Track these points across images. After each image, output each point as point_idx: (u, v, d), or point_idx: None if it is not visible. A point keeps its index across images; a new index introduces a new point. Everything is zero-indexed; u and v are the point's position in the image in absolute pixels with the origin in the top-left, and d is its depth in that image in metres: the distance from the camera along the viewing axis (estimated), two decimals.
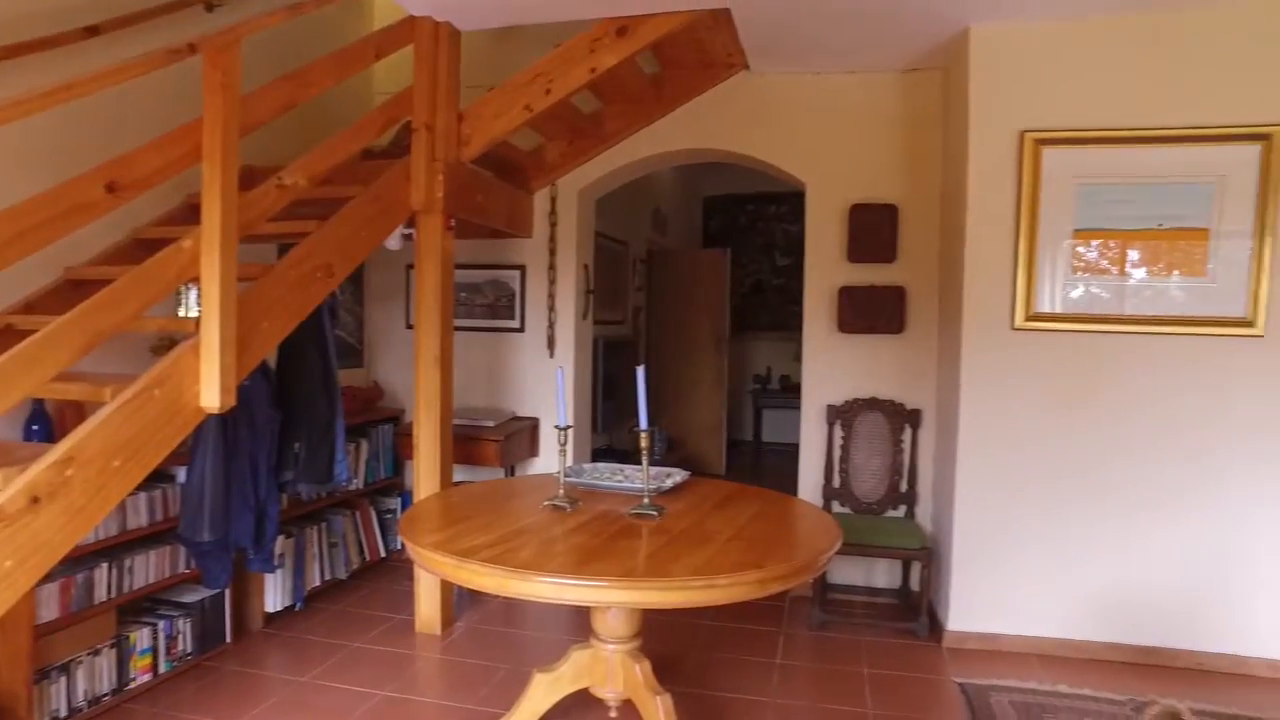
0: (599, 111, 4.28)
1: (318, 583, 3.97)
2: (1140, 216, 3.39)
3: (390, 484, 4.66)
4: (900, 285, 4.09)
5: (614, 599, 2.03)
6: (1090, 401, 3.48)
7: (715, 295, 7.25)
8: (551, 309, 4.59)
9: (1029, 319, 3.48)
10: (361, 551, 4.33)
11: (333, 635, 3.59)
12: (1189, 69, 3.34)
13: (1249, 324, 3.31)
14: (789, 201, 7.97)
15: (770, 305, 8.60)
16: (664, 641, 3.54)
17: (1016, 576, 3.56)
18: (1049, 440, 3.52)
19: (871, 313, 4.10)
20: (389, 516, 4.55)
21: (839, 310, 4.13)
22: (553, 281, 4.59)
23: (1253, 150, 3.27)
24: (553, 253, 4.57)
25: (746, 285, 8.64)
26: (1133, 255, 3.42)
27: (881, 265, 4.12)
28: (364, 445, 4.36)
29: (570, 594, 1.95)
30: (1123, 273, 3.44)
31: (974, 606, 3.61)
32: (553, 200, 4.53)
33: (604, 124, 4.30)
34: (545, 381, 4.56)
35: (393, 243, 3.67)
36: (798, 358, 4.40)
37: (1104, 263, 3.46)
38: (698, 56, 3.99)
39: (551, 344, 4.60)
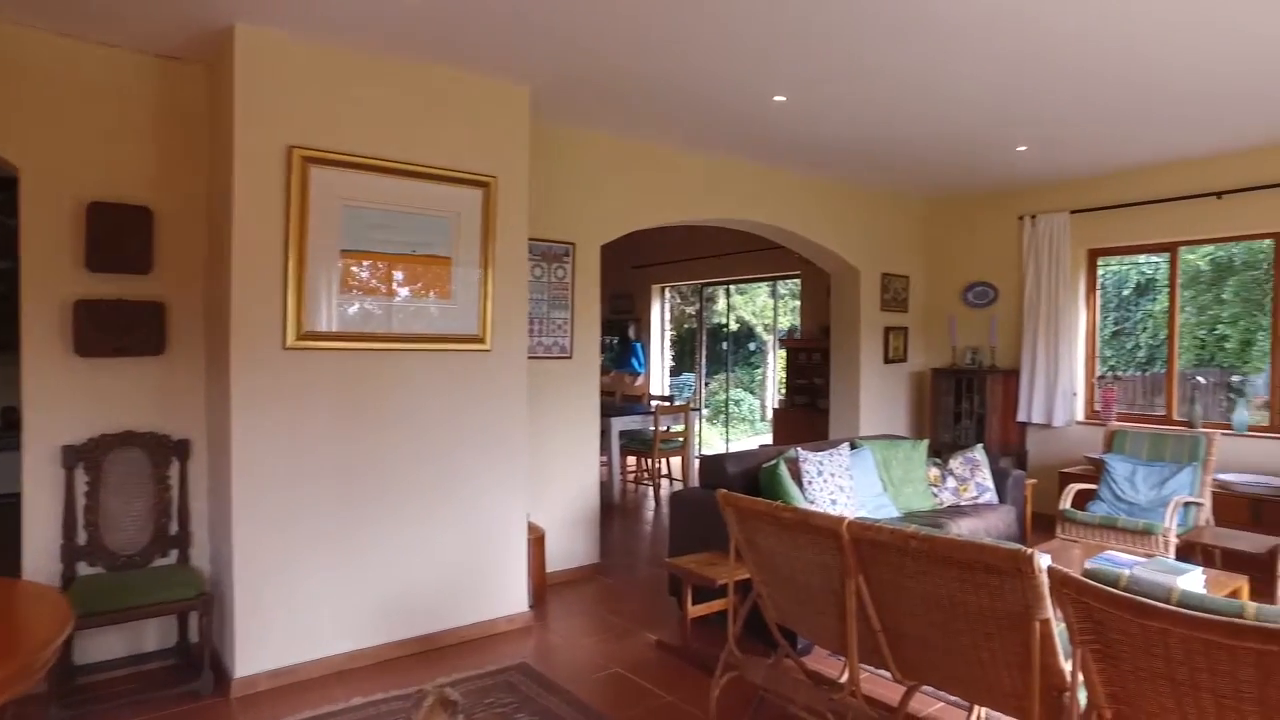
0: None
1: None
2: (398, 242, 3.69)
3: None
4: (159, 300, 3.61)
5: None
6: (366, 416, 3.63)
7: None
8: None
9: (302, 338, 3.44)
10: None
11: None
12: (433, 118, 3.79)
13: (481, 340, 3.93)
14: None
15: None
16: None
17: (307, 601, 3.49)
18: (331, 457, 3.54)
19: (122, 332, 3.50)
20: None
21: (76, 329, 3.40)
22: None
23: (477, 194, 3.89)
24: None
25: None
26: (396, 277, 3.70)
27: (134, 277, 3.56)
28: None
29: None
30: (388, 293, 3.68)
31: (264, 644, 3.40)
32: None
33: None
34: None
35: None
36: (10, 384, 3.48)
37: (371, 283, 3.64)
38: None
39: None
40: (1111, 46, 3.50)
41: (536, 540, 4.45)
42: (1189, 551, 4.51)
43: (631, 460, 8.44)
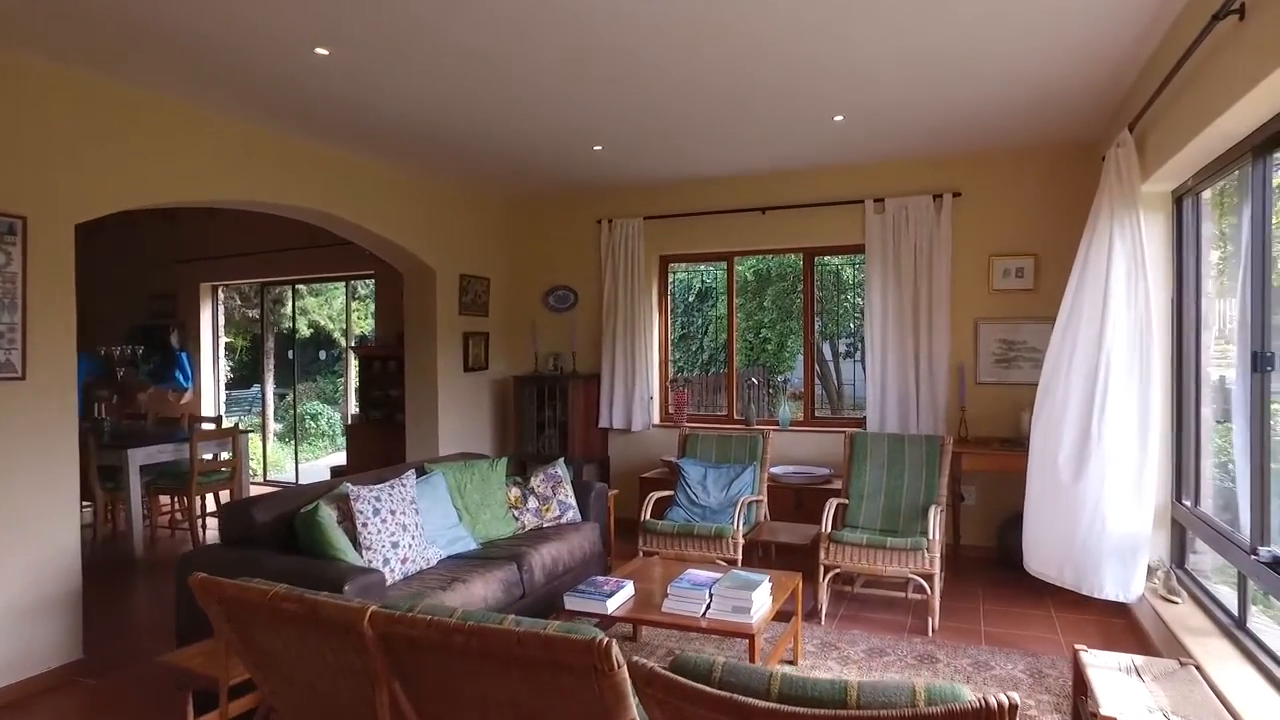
0: None
1: None
2: None
3: None
4: None
5: None
6: None
7: None
8: None
9: None
10: None
11: None
12: None
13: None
14: None
15: None
16: None
17: None
18: None
19: None
20: None
21: None
22: None
23: None
24: None
25: None
26: None
27: None
28: None
29: None
30: None
31: None
32: None
33: None
34: None
35: None
36: None
37: None
38: None
39: None
40: (671, 56, 3.35)
41: None
42: (752, 549, 4.69)
43: (167, 499, 6.76)
